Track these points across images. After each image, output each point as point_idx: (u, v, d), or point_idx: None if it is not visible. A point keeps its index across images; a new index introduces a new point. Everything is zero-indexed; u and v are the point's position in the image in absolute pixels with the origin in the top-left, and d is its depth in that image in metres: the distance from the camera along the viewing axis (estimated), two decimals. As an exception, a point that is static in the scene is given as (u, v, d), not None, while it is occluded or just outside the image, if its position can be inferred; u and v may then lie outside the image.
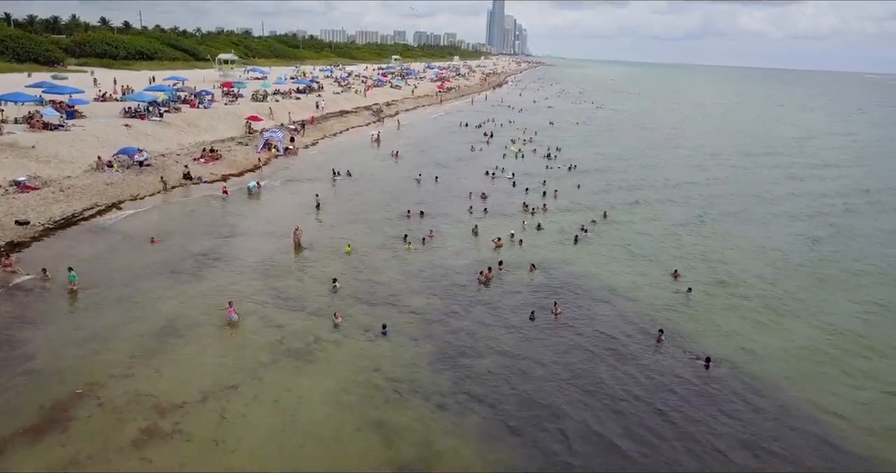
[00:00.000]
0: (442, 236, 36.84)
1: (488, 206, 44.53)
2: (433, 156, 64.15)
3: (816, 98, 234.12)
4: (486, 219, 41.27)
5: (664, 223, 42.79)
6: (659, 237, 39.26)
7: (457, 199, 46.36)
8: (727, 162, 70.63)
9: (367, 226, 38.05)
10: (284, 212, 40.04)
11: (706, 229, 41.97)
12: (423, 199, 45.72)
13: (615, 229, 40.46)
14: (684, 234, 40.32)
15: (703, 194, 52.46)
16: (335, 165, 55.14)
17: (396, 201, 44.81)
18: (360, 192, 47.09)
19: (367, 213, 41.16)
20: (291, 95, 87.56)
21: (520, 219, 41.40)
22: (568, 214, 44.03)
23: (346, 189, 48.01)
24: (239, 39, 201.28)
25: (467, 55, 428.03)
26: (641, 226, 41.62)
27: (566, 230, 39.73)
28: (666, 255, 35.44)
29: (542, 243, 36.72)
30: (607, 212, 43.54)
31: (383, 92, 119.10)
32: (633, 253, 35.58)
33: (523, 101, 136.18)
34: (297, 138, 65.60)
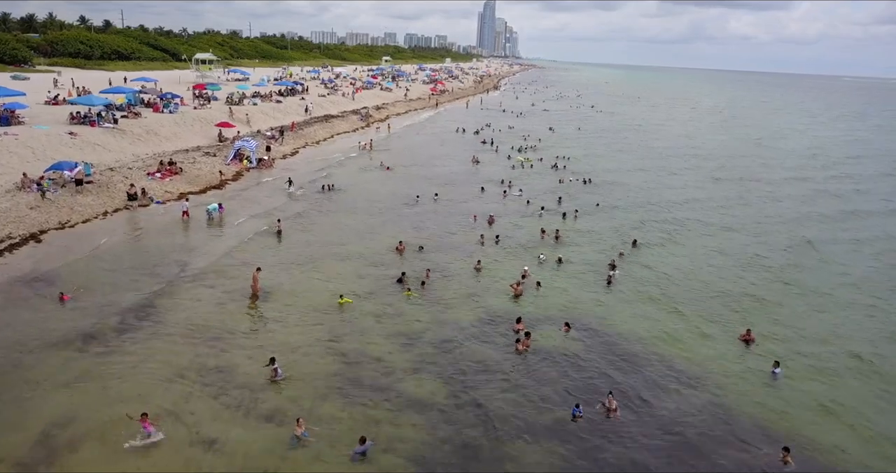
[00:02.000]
0: (446, 277, 29.31)
1: (498, 232, 37.20)
2: (429, 168, 56.67)
3: (813, 101, 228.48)
4: (496, 250, 33.84)
5: (707, 255, 35.40)
6: (706, 276, 31.74)
7: (460, 223, 38.90)
8: (753, 174, 63.52)
9: (351, 263, 30.48)
10: (248, 243, 32.37)
11: (763, 267, 34.56)
12: (421, 223, 38.24)
13: (649, 263, 32.96)
14: (736, 273, 32.89)
15: (742, 218, 44.98)
16: (317, 178, 47.65)
17: (388, 226, 37.28)
18: (344, 213, 39.49)
19: (352, 243, 33.56)
20: (272, 98, 79.78)
21: (536, 250, 34.04)
22: (590, 241, 36.68)
23: (327, 209, 40.38)
24: (224, 40, 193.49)
25: (458, 57, 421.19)
26: (679, 259, 34.14)
27: (592, 264, 32.36)
28: (722, 306, 27.90)
29: (566, 285, 29.20)
30: (637, 240, 36.16)
31: (373, 94, 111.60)
32: (679, 301, 28.00)
33: (521, 105, 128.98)
34: (275, 147, 57.93)
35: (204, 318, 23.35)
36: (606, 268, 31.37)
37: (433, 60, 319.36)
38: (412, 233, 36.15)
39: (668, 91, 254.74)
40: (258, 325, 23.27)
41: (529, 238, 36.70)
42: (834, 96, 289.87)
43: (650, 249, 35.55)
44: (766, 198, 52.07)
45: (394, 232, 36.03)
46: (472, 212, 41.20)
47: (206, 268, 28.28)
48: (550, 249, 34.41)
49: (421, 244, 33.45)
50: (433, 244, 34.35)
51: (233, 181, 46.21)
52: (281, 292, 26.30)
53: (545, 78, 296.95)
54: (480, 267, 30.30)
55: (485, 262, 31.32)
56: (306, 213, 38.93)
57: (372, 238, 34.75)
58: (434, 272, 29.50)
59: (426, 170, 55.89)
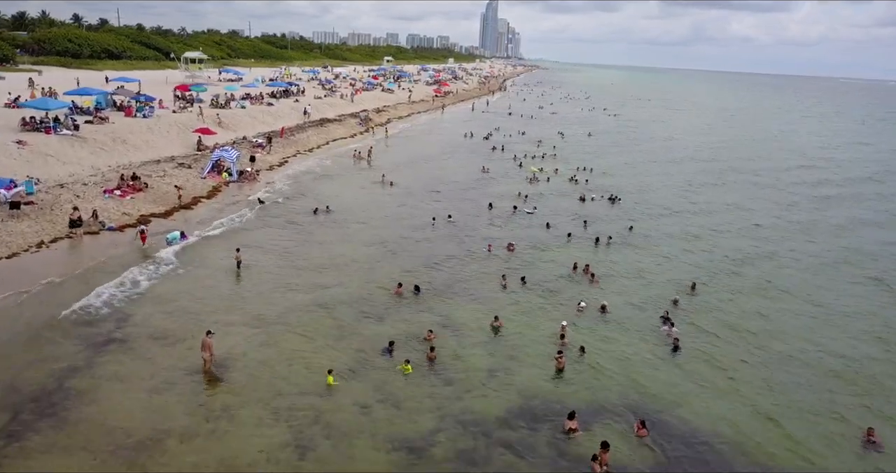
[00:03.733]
0: (457, 335, 22.77)
1: (519, 263, 30.73)
2: (437, 182, 50.02)
3: (822, 104, 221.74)
4: (520, 293, 27.30)
5: (796, 306, 28.72)
6: (802, 338, 25.13)
7: (474, 254, 32.34)
8: (808, 190, 56.94)
9: (337, 314, 23.87)
10: (207, 288, 25.77)
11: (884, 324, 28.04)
12: (429, 254, 31.69)
13: (717, 316, 26.20)
14: (842, 334, 26.29)
15: (837, 249, 37.88)
16: (307, 194, 41.18)
17: (389, 260, 30.74)
18: (338, 243, 32.93)
19: (343, 284, 27.02)
20: (262, 101, 73.24)
21: (567, 292, 27.53)
22: (632, 278, 30.11)
23: (317, 238, 33.82)
24: (222, 39, 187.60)
25: (461, 58, 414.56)
26: (757, 311, 27.32)
27: (641, 312, 25.84)
28: (833, 384, 21.36)
29: (618, 349, 22.57)
30: (696, 284, 29.42)
31: (374, 96, 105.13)
32: (774, 382, 21.35)
33: (529, 108, 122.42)
34: (261, 156, 51.42)
35: (127, 414, 16.81)
36: (659, 321, 24.86)
37: (436, 61, 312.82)
38: (417, 266, 29.64)
39: (675, 93, 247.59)
40: (202, 425, 16.70)
41: (558, 273, 30.13)
42: (848, 98, 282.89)
43: (713, 294, 28.68)
44: (856, 221, 45.38)
45: (395, 266, 29.53)
46: (488, 238, 34.74)
47: (142, 330, 21.60)
48: (587, 291, 27.91)
49: (417, 284, 26.71)
50: (442, 283, 27.81)
51: (207, 199, 39.64)
52: (240, 363, 19.77)
53: (549, 79, 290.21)
54: (500, 324, 23.66)
55: (507, 312, 24.80)
56: (290, 244, 32.36)
57: (368, 276, 28.16)
58: (442, 328, 23.01)
59: (433, 183, 49.28)
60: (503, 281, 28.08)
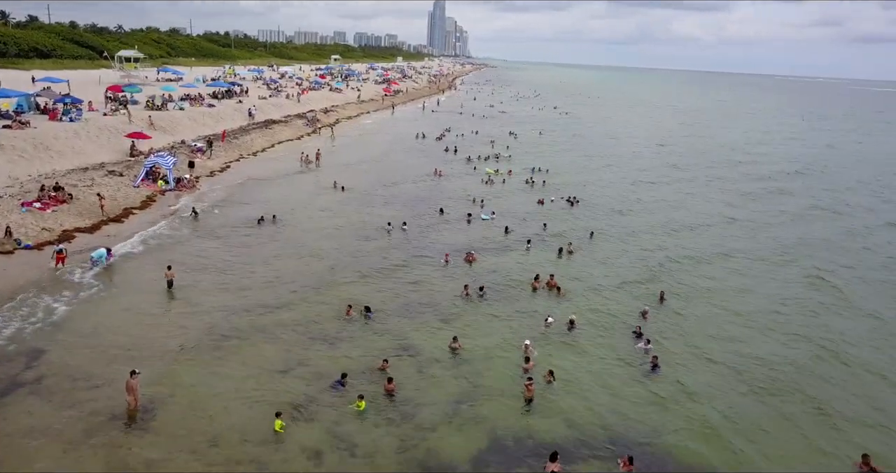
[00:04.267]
0: (414, 357, 20.79)
1: (478, 275, 28.89)
2: (390, 185, 47.87)
3: (768, 100, 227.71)
4: (478, 307, 25.44)
5: (771, 308, 27.72)
6: (789, 348, 24.05)
7: (430, 264, 30.36)
8: (771, 182, 56.87)
9: (282, 341, 21.58)
10: (139, 316, 23.08)
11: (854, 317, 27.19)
12: (381, 267, 29.52)
13: (690, 328, 24.90)
14: (818, 338, 25.33)
15: (797, 246, 37.61)
16: (251, 203, 38.48)
17: (339, 274, 28.44)
18: (285, 257, 30.37)
19: (289, 305, 24.65)
20: (202, 102, 69.58)
21: (528, 303, 25.85)
22: (597, 287, 28.60)
23: (261, 252, 31.23)
24: (161, 37, 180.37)
25: (410, 56, 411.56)
26: (730, 319, 26.25)
27: (613, 324, 24.36)
28: (823, 400, 20.14)
29: (591, 369, 20.87)
30: (664, 293, 27.96)
31: (321, 96, 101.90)
32: (759, 392, 20.18)
33: (480, 107, 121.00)
34: (201, 162, 48.30)
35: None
36: (632, 337, 23.36)
37: (384, 59, 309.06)
38: (370, 281, 27.49)
39: (623, 91, 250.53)
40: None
41: (519, 281, 28.45)
42: (791, 96, 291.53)
43: (681, 302, 27.41)
44: (809, 210, 45.69)
45: (346, 282, 27.31)
46: (444, 247, 32.78)
47: (57, 369, 18.83)
48: (551, 303, 26.25)
49: (368, 305, 24.27)
50: (397, 300, 25.72)
51: (140, 210, 36.54)
52: (170, 406, 17.32)
53: (499, 77, 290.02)
54: (459, 346, 21.60)
55: (469, 330, 22.93)
56: (231, 259, 29.73)
57: (317, 294, 25.85)
58: (399, 352, 20.97)
59: (386, 187, 47.07)
60: (464, 292, 26.16)
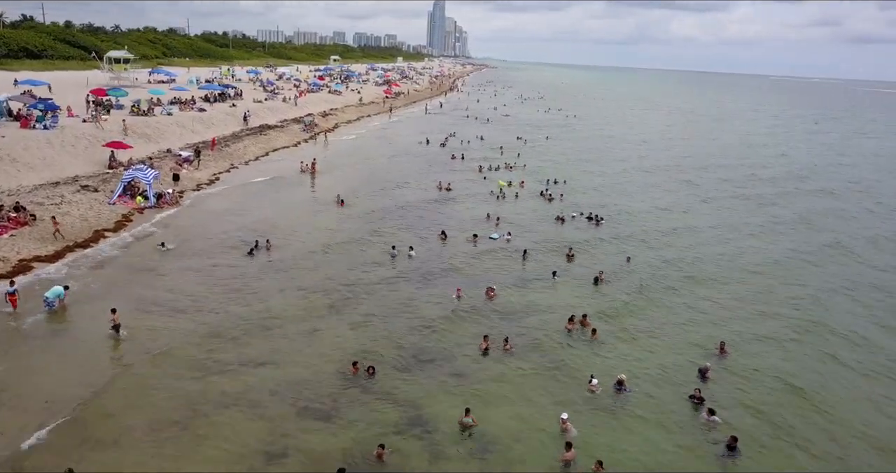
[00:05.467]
0: (423, 440, 16.70)
1: (496, 317, 24.81)
2: (394, 200, 43.79)
3: (781, 103, 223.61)
4: (507, 363, 21.33)
5: (850, 350, 23.71)
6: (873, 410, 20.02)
7: (441, 302, 26.23)
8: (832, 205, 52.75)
9: (265, 418, 17.45)
10: (84, 377, 18.94)
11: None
12: (390, 307, 25.32)
13: (762, 394, 20.90)
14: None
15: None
16: (242, 221, 34.30)
17: (340, 317, 24.26)
18: (276, 293, 26.19)
19: (280, 361, 20.56)
20: (192, 106, 65.40)
21: (564, 358, 21.74)
22: (643, 332, 24.49)
23: (251, 286, 27.07)
24: (157, 37, 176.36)
25: (409, 57, 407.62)
26: (806, 365, 22.24)
27: (665, 387, 20.25)
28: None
29: (650, 453, 16.72)
30: (724, 343, 23.41)
31: (319, 99, 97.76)
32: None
33: (484, 109, 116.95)
34: (187, 174, 44.19)
35: None
36: (690, 402, 19.26)
37: (384, 60, 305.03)
38: (374, 327, 23.39)
39: (625, 91, 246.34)
40: None
41: (547, 324, 24.37)
42: (793, 97, 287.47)
43: (749, 357, 22.94)
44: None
45: (347, 326, 23.21)
46: (455, 277, 28.71)
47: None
48: (583, 351, 22.18)
49: (373, 364, 20.07)
50: (406, 351, 21.61)
51: (113, 232, 32.40)
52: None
53: (500, 78, 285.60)
54: (473, 422, 17.38)
55: (491, 396, 18.87)
56: (209, 297, 25.56)
57: (311, 344, 21.74)
58: (406, 426, 16.93)
59: (389, 203, 42.88)
60: (483, 346, 22.04)
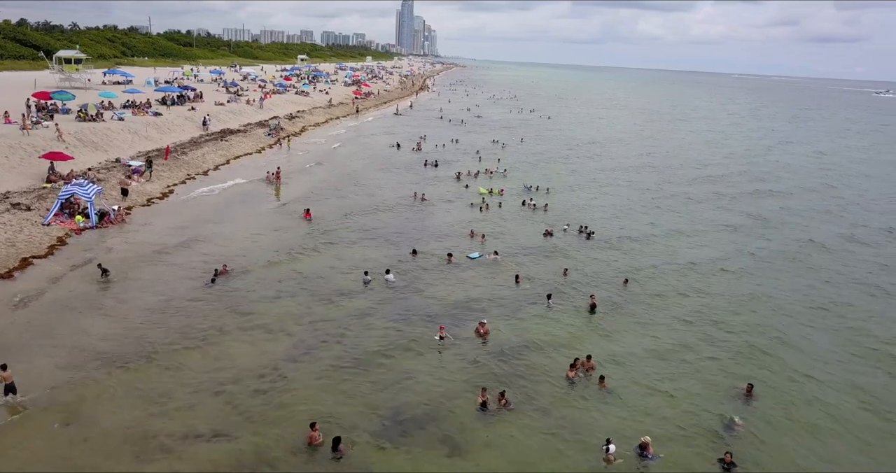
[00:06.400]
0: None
1: (489, 359, 21.48)
2: (367, 213, 40.17)
3: (743, 101, 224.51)
4: (504, 419, 18.01)
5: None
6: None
7: (424, 341, 22.78)
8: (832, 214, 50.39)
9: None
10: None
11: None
12: (361, 351, 21.71)
13: (800, 451, 17.94)
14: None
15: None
16: (198, 241, 30.37)
17: (300, 366, 20.56)
18: (234, 334, 22.44)
19: (217, 439, 16.94)
20: (146, 110, 60.82)
21: (571, 414, 18.51)
22: (657, 375, 21.35)
23: (190, 325, 23.32)
24: (116, 36, 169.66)
25: (379, 56, 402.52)
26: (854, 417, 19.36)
27: (691, 445, 17.15)
28: None
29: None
30: (752, 387, 20.28)
31: (287, 100, 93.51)
32: None
33: (458, 110, 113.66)
34: (137, 186, 40.02)
35: None
36: (720, 467, 16.17)
37: (353, 59, 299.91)
38: (343, 379, 19.82)
39: (596, 91, 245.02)
40: None
41: (546, 367, 21.11)
42: (762, 95, 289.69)
43: (781, 406, 19.98)
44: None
45: (309, 382, 19.60)
46: (438, 311, 25.33)
47: None
48: (592, 402, 18.98)
49: (339, 435, 16.21)
50: (383, 415, 18.11)
51: (44, 258, 28.28)
52: None
53: (470, 77, 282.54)
54: None
55: (486, 466, 15.52)
56: (152, 341, 21.72)
57: (268, 407, 18.08)
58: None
59: (360, 216, 39.31)
60: (480, 401, 18.63)
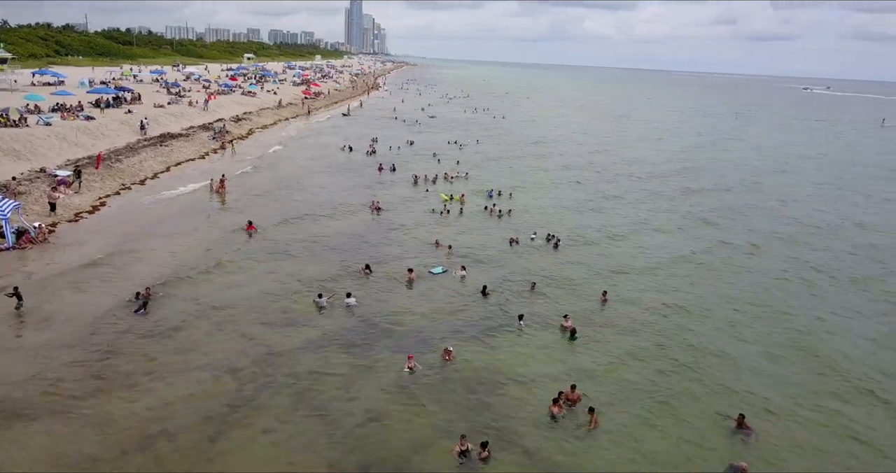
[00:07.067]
0: None
1: (465, 403, 19.23)
2: (318, 224, 37.44)
3: (691, 99, 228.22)
4: (484, 470, 15.80)
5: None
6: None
7: (391, 372, 20.36)
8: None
9: None
10: None
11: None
12: (315, 395, 19.19)
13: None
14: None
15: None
16: (129, 261, 27.17)
17: (238, 418, 17.94)
18: (165, 375, 19.65)
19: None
20: (77, 114, 56.51)
21: (553, 457, 16.42)
22: (649, 405, 19.45)
23: (103, 367, 20.39)
24: (48, 34, 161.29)
25: (328, 55, 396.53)
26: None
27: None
28: None
29: None
30: (743, 417, 18.37)
31: (232, 101, 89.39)
32: None
33: (409, 110, 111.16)
34: (65, 199, 36.38)
35: None
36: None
37: (302, 58, 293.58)
38: (301, 431, 17.26)
39: (548, 89, 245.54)
40: None
41: (526, 401, 18.98)
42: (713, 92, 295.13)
43: (788, 449, 18.47)
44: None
45: (259, 431, 16.98)
46: (402, 334, 22.97)
47: None
48: (591, 445, 16.90)
49: None
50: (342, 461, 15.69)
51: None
52: None
53: (422, 76, 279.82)
54: None
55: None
56: (75, 391, 18.72)
57: (209, 460, 15.46)
58: None
59: (310, 227, 36.58)
60: (457, 450, 16.33)
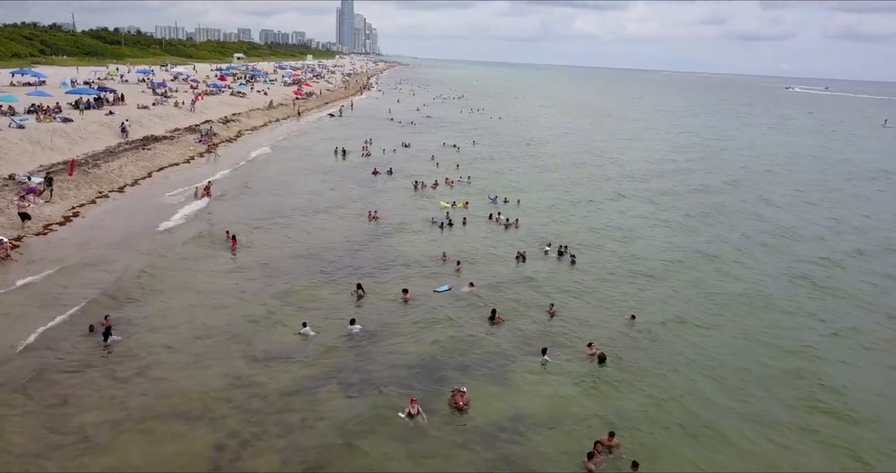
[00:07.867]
0: None
1: (477, 446, 16.45)
2: (310, 236, 34.48)
3: (681, 98, 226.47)
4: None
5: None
6: None
7: (388, 427, 17.50)
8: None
9: None
10: None
11: None
12: (307, 450, 16.32)
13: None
14: None
15: None
16: (101, 280, 24.15)
17: (243, 463, 15.11)
18: (134, 426, 16.82)
19: None
20: (54, 115, 53.24)
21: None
22: (700, 451, 16.75)
23: (96, 408, 17.48)
24: (33, 33, 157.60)
25: (320, 54, 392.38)
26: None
27: None
28: None
29: None
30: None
31: (221, 102, 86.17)
32: None
33: (404, 110, 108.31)
34: (36, 208, 33.27)
35: None
36: None
37: (293, 58, 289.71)
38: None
39: (541, 89, 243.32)
40: None
41: (561, 462, 16.20)
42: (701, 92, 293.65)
43: None
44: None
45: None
46: (402, 369, 20.15)
47: None
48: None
49: None
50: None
51: None
52: None
53: (414, 76, 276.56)
54: None
55: None
56: (29, 446, 15.82)
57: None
58: None
59: (305, 243, 33.53)
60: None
